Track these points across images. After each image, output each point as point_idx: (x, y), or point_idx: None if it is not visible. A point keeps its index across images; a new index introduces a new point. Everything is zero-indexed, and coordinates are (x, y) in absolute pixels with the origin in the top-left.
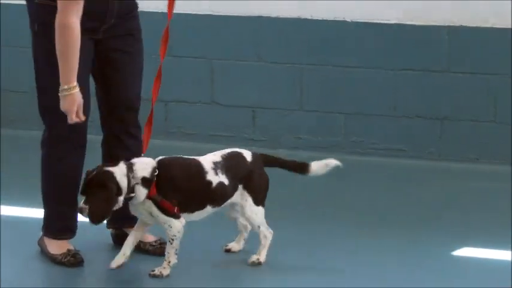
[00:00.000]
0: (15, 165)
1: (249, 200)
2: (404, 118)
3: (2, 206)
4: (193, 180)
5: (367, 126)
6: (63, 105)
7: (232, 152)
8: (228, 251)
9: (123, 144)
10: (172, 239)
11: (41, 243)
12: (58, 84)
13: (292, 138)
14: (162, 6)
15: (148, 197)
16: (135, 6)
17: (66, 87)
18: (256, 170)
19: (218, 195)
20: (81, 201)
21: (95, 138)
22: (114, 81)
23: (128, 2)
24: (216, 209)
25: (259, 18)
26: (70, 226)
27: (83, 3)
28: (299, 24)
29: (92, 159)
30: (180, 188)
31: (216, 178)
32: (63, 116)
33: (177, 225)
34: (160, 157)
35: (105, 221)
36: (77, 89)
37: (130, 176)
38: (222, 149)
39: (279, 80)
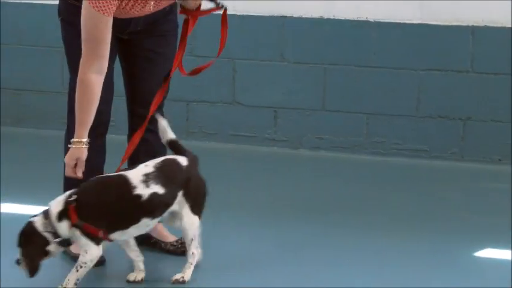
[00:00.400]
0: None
1: (187, 208)
2: (426, 118)
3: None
4: (117, 198)
5: (390, 127)
6: (66, 156)
7: (166, 159)
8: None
9: (146, 141)
10: (81, 266)
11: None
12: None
13: (314, 138)
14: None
15: (72, 225)
16: (171, 11)
17: (75, 140)
18: (193, 175)
19: (153, 207)
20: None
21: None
22: (142, 79)
23: (161, 11)
24: (155, 220)
25: (282, 18)
26: None
27: (105, 61)
28: (322, 24)
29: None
30: (102, 209)
31: (147, 190)
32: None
33: (92, 253)
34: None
35: None
36: (84, 146)
37: (47, 221)
38: (244, 149)
39: (302, 80)
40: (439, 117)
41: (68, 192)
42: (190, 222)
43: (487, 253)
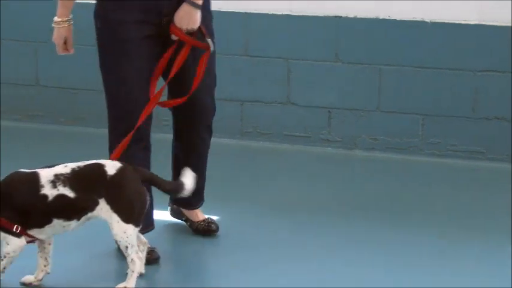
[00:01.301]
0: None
1: (114, 217)
2: (483, 120)
3: None
4: (26, 195)
5: (445, 128)
6: (53, 37)
7: (90, 164)
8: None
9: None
10: (5, 256)
11: None
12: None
13: (368, 139)
14: (241, 7)
15: None
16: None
17: (57, 20)
18: (123, 184)
19: (62, 209)
20: None
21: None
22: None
23: None
24: (73, 222)
25: (337, 19)
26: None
27: None
28: (377, 24)
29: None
30: (14, 204)
31: (54, 191)
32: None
33: (14, 244)
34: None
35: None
36: (67, 24)
37: None
38: (298, 149)
39: (356, 81)
40: (496, 118)
41: None
42: (121, 231)
43: None
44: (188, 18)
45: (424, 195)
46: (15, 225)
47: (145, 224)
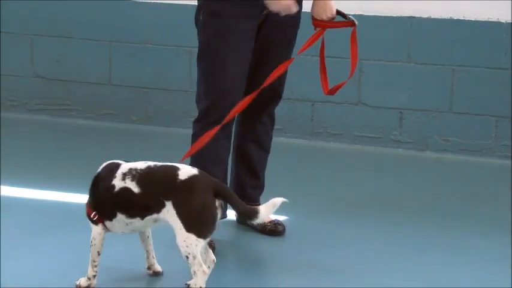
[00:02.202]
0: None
1: (178, 223)
2: None
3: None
4: (102, 183)
5: None
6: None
7: (166, 165)
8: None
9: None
10: (91, 242)
11: None
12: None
13: (440, 140)
14: None
15: None
16: None
17: None
18: (192, 191)
19: (123, 202)
20: None
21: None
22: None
23: None
24: (136, 220)
25: (410, 19)
26: None
27: None
28: (451, 24)
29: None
30: (95, 192)
31: (121, 183)
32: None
33: (93, 231)
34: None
35: None
36: None
37: None
38: (368, 150)
39: (429, 81)
40: None
41: None
42: (181, 239)
43: None
44: (325, 8)
45: (496, 197)
46: (93, 213)
47: None
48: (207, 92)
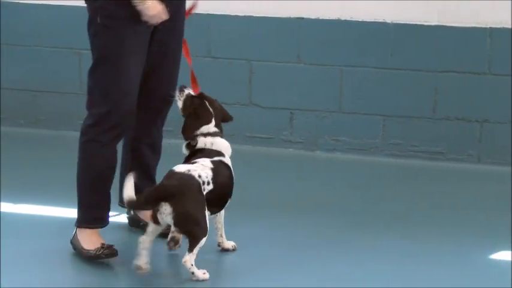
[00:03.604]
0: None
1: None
2: (443, 120)
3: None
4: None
5: (406, 128)
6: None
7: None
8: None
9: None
10: None
11: (74, 241)
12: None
13: (330, 140)
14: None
15: None
16: None
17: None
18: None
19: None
20: None
21: None
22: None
23: None
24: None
25: (299, 20)
26: (104, 216)
27: None
28: (339, 25)
29: None
30: None
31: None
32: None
33: None
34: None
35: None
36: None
37: None
38: (259, 151)
39: (318, 82)
40: (456, 119)
41: None
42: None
43: (503, 255)
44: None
45: (385, 195)
46: None
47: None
48: (106, 96)
